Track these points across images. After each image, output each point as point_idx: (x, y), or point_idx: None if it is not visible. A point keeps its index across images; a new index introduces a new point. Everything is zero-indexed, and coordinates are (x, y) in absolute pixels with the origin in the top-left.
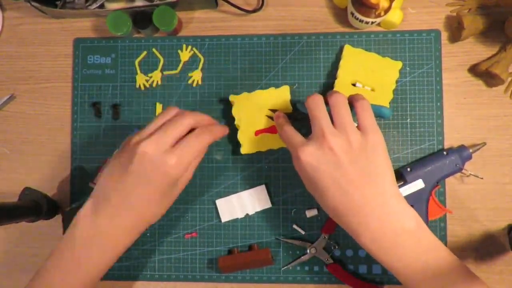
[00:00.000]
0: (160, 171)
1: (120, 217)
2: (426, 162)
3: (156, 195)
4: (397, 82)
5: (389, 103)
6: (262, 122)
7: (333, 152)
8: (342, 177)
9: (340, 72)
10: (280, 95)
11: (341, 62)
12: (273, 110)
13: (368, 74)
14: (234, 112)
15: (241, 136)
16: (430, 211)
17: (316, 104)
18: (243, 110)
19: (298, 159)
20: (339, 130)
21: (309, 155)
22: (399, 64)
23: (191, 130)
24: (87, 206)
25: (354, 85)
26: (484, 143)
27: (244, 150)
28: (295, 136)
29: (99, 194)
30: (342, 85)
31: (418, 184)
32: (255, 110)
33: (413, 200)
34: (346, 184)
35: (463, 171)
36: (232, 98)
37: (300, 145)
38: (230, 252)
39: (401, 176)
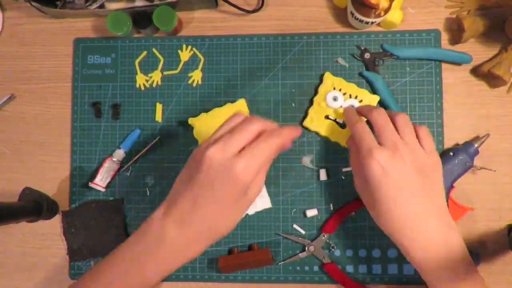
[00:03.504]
0: (227, 177)
1: (187, 226)
2: None
3: (224, 204)
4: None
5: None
6: None
7: (403, 161)
8: (407, 187)
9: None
10: (238, 110)
11: (321, 88)
12: None
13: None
14: (196, 134)
15: None
16: (453, 213)
17: (383, 115)
18: (205, 131)
19: (371, 159)
20: (407, 146)
21: (383, 158)
22: (376, 99)
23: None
24: (160, 210)
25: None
26: (488, 135)
27: None
28: (370, 135)
29: (171, 199)
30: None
31: None
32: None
33: None
34: (409, 194)
35: (474, 166)
36: (191, 121)
37: (376, 146)
38: (230, 252)
39: None
